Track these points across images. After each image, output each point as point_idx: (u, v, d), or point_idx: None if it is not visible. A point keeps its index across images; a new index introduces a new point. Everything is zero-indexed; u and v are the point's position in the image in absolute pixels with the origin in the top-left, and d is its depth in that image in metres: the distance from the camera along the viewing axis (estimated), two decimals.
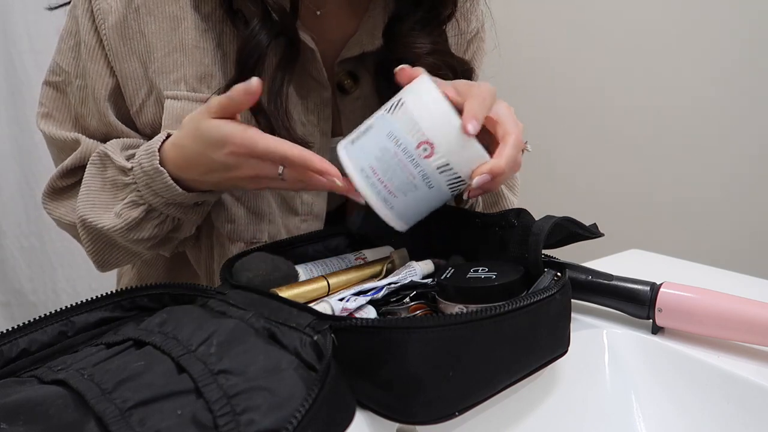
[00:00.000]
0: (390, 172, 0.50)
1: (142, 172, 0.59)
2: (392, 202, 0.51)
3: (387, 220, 0.52)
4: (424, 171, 0.50)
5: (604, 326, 0.56)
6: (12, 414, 0.35)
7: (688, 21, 1.39)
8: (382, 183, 0.51)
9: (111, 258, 0.68)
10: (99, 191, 0.64)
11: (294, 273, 0.56)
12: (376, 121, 0.53)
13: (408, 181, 0.50)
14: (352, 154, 0.52)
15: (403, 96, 0.52)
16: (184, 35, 0.64)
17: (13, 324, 0.44)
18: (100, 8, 0.64)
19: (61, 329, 0.46)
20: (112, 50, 0.65)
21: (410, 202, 0.51)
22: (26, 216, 1.60)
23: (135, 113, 0.67)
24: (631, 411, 0.52)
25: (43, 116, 0.71)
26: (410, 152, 0.50)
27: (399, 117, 0.51)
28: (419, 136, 0.50)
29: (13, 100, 1.56)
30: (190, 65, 0.64)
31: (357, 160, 0.51)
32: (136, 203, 0.61)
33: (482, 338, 0.41)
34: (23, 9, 1.51)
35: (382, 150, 0.50)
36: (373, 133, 0.52)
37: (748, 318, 0.49)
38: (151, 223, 0.63)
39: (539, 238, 0.50)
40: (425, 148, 0.50)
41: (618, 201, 1.53)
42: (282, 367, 0.39)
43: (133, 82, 0.66)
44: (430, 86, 0.51)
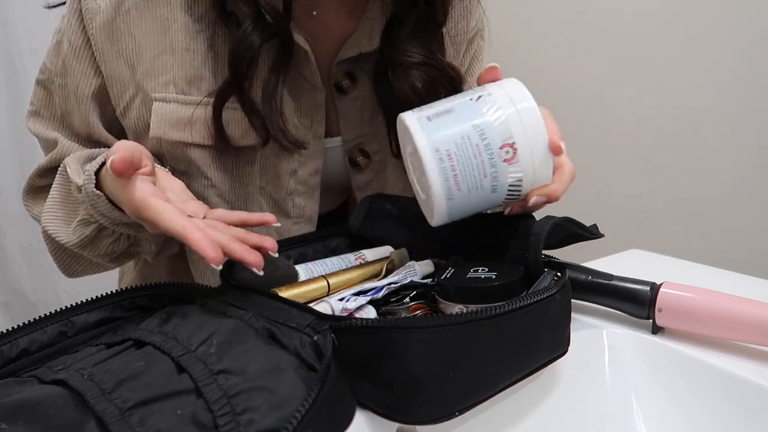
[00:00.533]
0: (464, 164, 0.48)
1: (86, 193, 0.57)
2: (454, 194, 0.49)
3: (437, 211, 0.50)
4: (497, 173, 0.49)
5: (604, 326, 0.56)
6: (12, 414, 0.35)
7: (688, 21, 1.39)
8: (453, 171, 0.48)
9: (77, 268, 0.69)
10: (61, 203, 0.64)
11: (294, 273, 0.56)
12: (458, 106, 0.50)
13: (478, 178, 0.49)
14: (429, 131, 0.49)
15: (495, 91, 0.50)
16: (174, 37, 0.64)
17: (13, 324, 0.44)
18: (88, 8, 0.64)
19: (61, 329, 0.46)
20: (99, 50, 0.65)
21: (468, 201, 0.50)
22: (26, 216, 1.59)
23: (120, 114, 0.67)
24: (631, 411, 0.52)
25: (32, 114, 0.71)
26: (492, 149, 0.48)
27: (489, 111, 0.49)
28: (506, 136, 0.48)
29: (13, 100, 1.56)
30: (180, 68, 0.64)
31: (433, 140, 0.48)
32: (87, 221, 0.60)
33: (482, 338, 0.41)
34: (23, 9, 1.51)
35: (464, 138, 0.48)
36: (455, 118, 0.49)
37: (748, 318, 0.49)
38: (105, 241, 0.62)
39: (539, 238, 0.50)
40: (508, 151, 0.48)
41: (618, 201, 1.53)
42: (282, 367, 0.39)
43: (119, 83, 0.65)
44: (526, 93, 0.50)
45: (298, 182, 0.71)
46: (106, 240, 0.62)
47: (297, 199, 0.71)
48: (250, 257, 0.48)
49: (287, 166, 0.70)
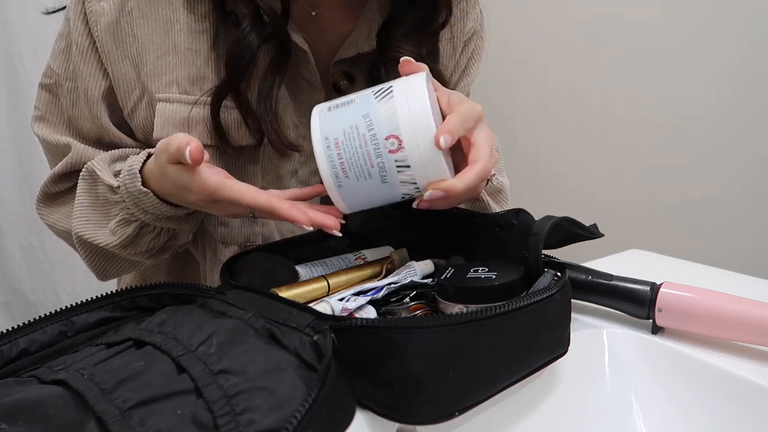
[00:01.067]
0: (351, 152, 0.50)
1: (128, 192, 0.59)
2: (342, 181, 0.51)
3: (332, 197, 0.52)
4: (384, 164, 0.50)
5: (604, 326, 0.56)
6: (12, 414, 0.35)
7: (689, 21, 1.39)
8: (339, 158, 0.50)
9: (111, 269, 0.68)
10: (92, 207, 0.64)
11: (294, 273, 0.56)
12: (359, 98, 0.52)
13: (365, 166, 0.50)
14: (324, 121, 0.52)
15: (395, 85, 0.52)
16: (176, 38, 0.64)
17: (13, 324, 0.44)
18: (92, 10, 0.64)
19: (61, 329, 0.46)
20: (105, 52, 0.65)
21: (359, 189, 0.51)
22: (26, 216, 1.60)
23: (128, 115, 0.67)
24: (631, 411, 0.52)
25: (37, 119, 0.71)
26: (378, 140, 0.49)
27: (382, 102, 0.50)
28: (392, 128, 0.49)
29: (13, 100, 1.56)
30: (183, 67, 0.64)
31: (324, 128, 0.51)
32: (128, 221, 0.61)
33: (482, 338, 0.41)
34: (23, 9, 1.51)
35: (353, 127, 0.50)
36: (351, 108, 0.51)
37: (748, 318, 0.49)
38: (146, 237, 0.63)
39: (539, 237, 0.50)
40: (393, 142, 0.49)
41: (618, 201, 1.53)
42: (282, 367, 0.39)
43: (125, 84, 0.66)
44: (423, 86, 0.51)
45: (298, 182, 0.71)
46: (147, 237, 0.63)
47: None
48: (329, 221, 0.52)
49: (288, 167, 0.70)
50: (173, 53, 0.64)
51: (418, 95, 0.50)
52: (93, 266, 0.68)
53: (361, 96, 0.52)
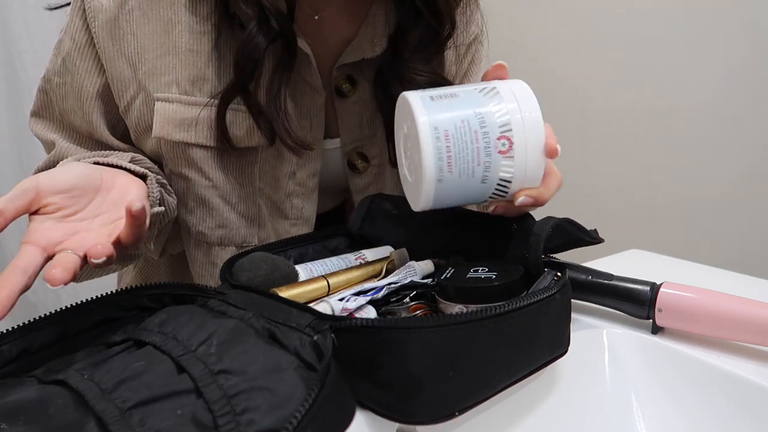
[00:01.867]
0: (460, 147, 0.48)
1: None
2: (445, 176, 0.49)
3: (424, 192, 0.49)
4: (490, 163, 0.49)
5: (604, 326, 0.56)
6: (12, 414, 0.35)
7: (689, 20, 1.39)
8: (448, 152, 0.48)
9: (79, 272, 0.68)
10: None
11: (294, 273, 0.56)
12: (463, 93, 0.51)
13: (471, 164, 0.49)
14: (430, 109, 0.49)
15: (500, 86, 0.51)
16: (177, 38, 0.64)
17: (13, 324, 0.44)
18: (91, 6, 0.64)
19: (61, 329, 0.46)
20: (102, 48, 0.65)
21: (456, 186, 0.50)
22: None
23: (122, 111, 0.67)
24: (631, 411, 0.52)
25: (33, 115, 0.71)
26: (489, 138, 0.48)
27: (493, 102, 0.49)
28: (506, 129, 0.49)
29: (13, 100, 1.56)
30: (183, 68, 0.64)
31: (434, 117, 0.49)
32: None
33: (482, 338, 0.41)
34: (23, 9, 1.51)
35: (465, 122, 0.48)
36: (458, 102, 0.50)
37: (748, 318, 0.49)
38: None
39: (539, 238, 0.50)
40: (504, 143, 0.49)
41: (618, 201, 1.53)
42: (282, 367, 0.39)
43: (120, 82, 0.65)
44: (530, 93, 0.51)
45: (296, 184, 0.71)
46: None
47: (295, 201, 0.72)
48: None
49: (286, 168, 0.70)
50: (173, 53, 0.64)
51: (531, 102, 0.50)
52: None
53: (465, 92, 0.51)
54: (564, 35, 1.57)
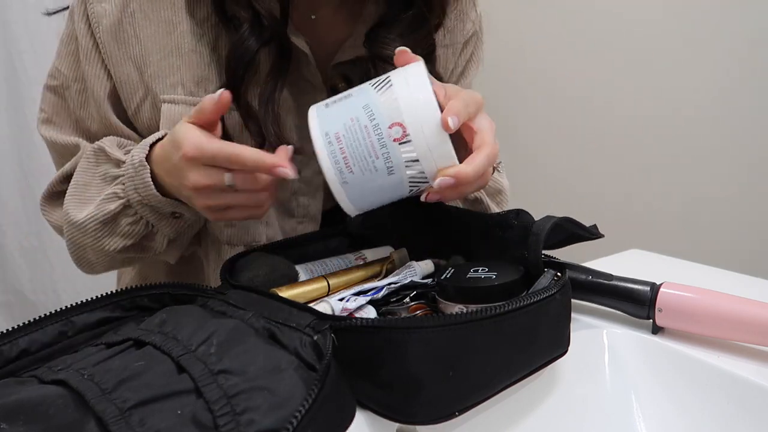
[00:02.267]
0: (354, 145, 0.48)
1: (131, 164, 0.60)
2: (347, 177, 0.49)
3: (338, 198, 0.50)
4: (389, 154, 0.48)
5: (604, 326, 0.56)
6: (12, 414, 0.35)
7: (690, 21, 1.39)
8: (342, 153, 0.48)
9: (86, 256, 0.67)
10: (86, 186, 0.64)
11: (294, 273, 0.56)
12: (356, 91, 0.51)
13: (369, 159, 0.48)
14: (322, 117, 0.50)
15: (392, 75, 0.51)
16: (180, 39, 0.64)
17: (13, 324, 0.44)
18: (94, 11, 0.64)
19: (61, 329, 0.46)
20: (108, 53, 0.65)
21: (366, 184, 0.49)
22: (26, 216, 1.60)
23: (132, 116, 0.67)
24: (631, 411, 0.52)
25: (44, 122, 0.71)
26: (381, 130, 0.48)
27: (381, 93, 0.49)
28: (395, 116, 0.48)
29: (13, 100, 1.56)
30: (187, 69, 0.65)
31: (324, 124, 0.49)
32: (117, 195, 0.61)
33: (482, 338, 0.41)
34: (23, 9, 1.51)
35: (353, 119, 0.48)
36: (349, 102, 0.50)
37: (748, 318, 0.49)
38: (124, 221, 0.62)
39: (539, 238, 0.50)
40: (398, 130, 0.48)
41: (618, 201, 1.53)
42: (282, 367, 0.39)
43: (128, 85, 0.66)
44: (422, 72, 0.50)
45: (302, 182, 0.71)
46: (125, 219, 0.62)
47: (301, 199, 0.72)
48: None
49: None
50: (176, 55, 0.64)
51: (419, 81, 0.49)
52: (71, 251, 0.67)
53: (359, 89, 0.51)
54: (563, 36, 1.57)
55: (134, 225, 0.63)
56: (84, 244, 0.65)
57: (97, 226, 0.62)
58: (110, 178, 0.62)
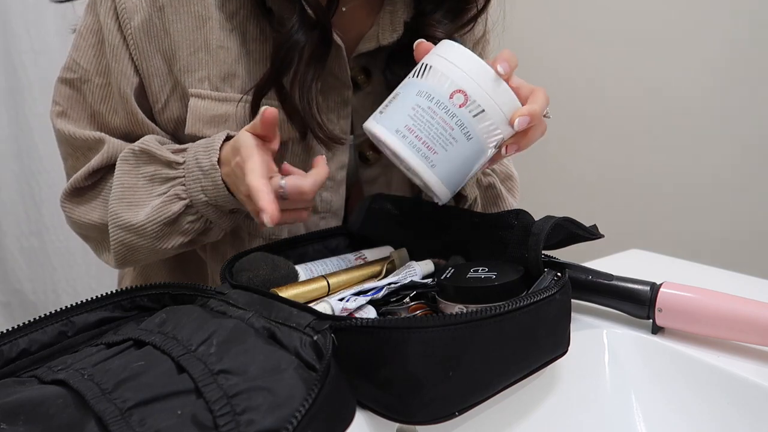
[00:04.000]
0: (427, 127, 0.50)
1: (197, 166, 0.60)
2: (433, 159, 0.51)
3: (430, 184, 0.52)
4: (461, 120, 0.50)
5: (604, 326, 0.56)
6: (12, 414, 0.35)
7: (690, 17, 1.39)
8: (420, 140, 0.50)
9: (134, 256, 0.67)
10: (133, 188, 0.64)
11: (294, 273, 0.56)
12: (401, 88, 0.53)
13: (446, 133, 0.50)
14: (383, 122, 0.52)
15: (427, 59, 0.52)
16: (208, 34, 0.65)
17: (13, 324, 0.44)
18: (125, 7, 0.64)
19: (61, 329, 0.46)
20: (138, 49, 0.65)
21: (452, 159, 0.51)
22: (26, 216, 1.60)
23: (159, 111, 0.68)
24: (631, 411, 0.52)
25: (59, 115, 0.70)
26: (444, 103, 0.50)
27: (425, 77, 0.51)
28: (450, 86, 0.50)
29: (13, 100, 1.56)
30: (215, 64, 0.65)
31: (390, 124, 0.51)
32: (179, 197, 0.61)
33: (482, 338, 0.41)
34: (23, 9, 1.51)
35: (415, 108, 0.51)
36: (401, 98, 0.52)
37: (748, 318, 0.49)
38: (185, 219, 0.62)
39: (539, 238, 0.50)
40: (459, 97, 0.50)
41: (618, 201, 1.53)
42: (282, 367, 0.39)
43: (158, 78, 0.66)
44: (450, 43, 0.52)
45: None
46: (187, 218, 0.63)
47: (324, 194, 0.72)
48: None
49: None
50: (205, 50, 0.65)
51: (454, 49, 0.51)
52: (117, 251, 0.66)
53: (403, 85, 0.53)
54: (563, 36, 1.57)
55: (194, 223, 0.63)
56: (139, 245, 0.64)
57: (158, 228, 0.62)
58: (161, 179, 0.63)
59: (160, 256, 0.68)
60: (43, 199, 1.59)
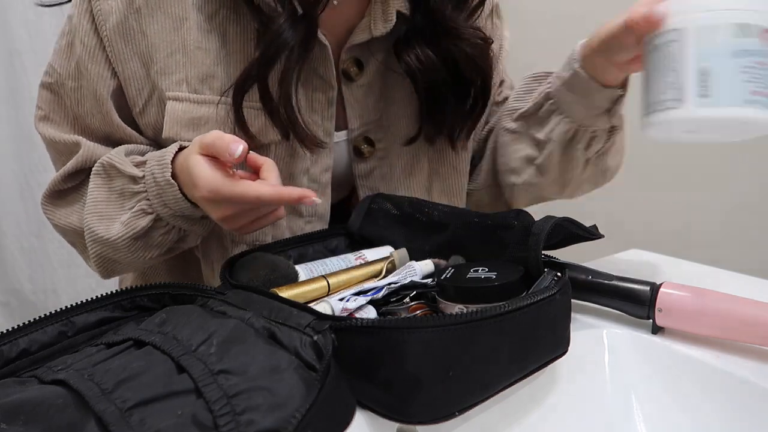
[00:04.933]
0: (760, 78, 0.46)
1: (154, 182, 0.60)
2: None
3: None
4: None
5: (604, 326, 0.56)
6: (12, 414, 0.35)
7: None
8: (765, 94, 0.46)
9: (115, 268, 0.68)
10: (105, 202, 0.64)
11: (294, 273, 0.56)
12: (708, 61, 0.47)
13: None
14: (721, 102, 0.47)
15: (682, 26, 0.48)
16: (186, 36, 0.64)
17: (13, 324, 0.44)
18: (100, 9, 0.63)
19: (61, 329, 0.46)
20: (114, 51, 0.64)
21: None
22: (26, 216, 1.60)
23: (137, 114, 0.67)
24: (631, 411, 0.52)
25: (41, 119, 0.70)
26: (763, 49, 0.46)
27: (712, 37, 0.46)
28: (754, 30, 0.46)
29: (13, 100, 1.56)
30: (192, 66, 0.64)
31: (731, 102, 0.46)
32: (144, 212, 0.61)
33: (482, 338, 0.41)
34: (23, 9, 1.51)
35: (744, 69, 0.46)
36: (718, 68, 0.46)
37: (748, 318, 0.49)
38: (157, 232, 0.63)
39: (539, 238, 0.50)
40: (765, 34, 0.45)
41: (618, 201, 1.53)
42: (282, 367, 0.39)
43: (136, 82, 0.65)
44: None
45: (310, 180, 0.71)
46: (158, 231, 0.62)
47: None
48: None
49: (301, 165, 0.69)
50: (182, 51, 0.64)
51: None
52: (98, 264, 0.67)
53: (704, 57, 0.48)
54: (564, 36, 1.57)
55: (167, 235, 0.63)
56: (117, 258, 0.65)
57: (130, 242, 0.62)
58: (129, 194, 0.62)
59: (142, 265, 0.68)
60: None
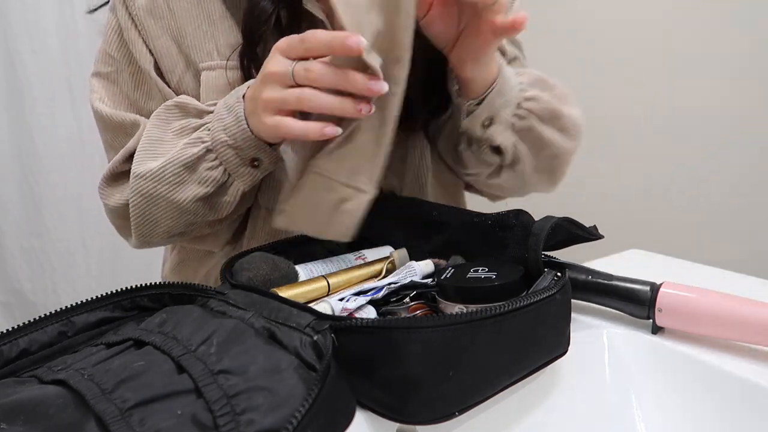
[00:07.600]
0: None
1: (224, 107, 0.60)
2: None
3: None
4: None
5: (604, 326, 0.56)
6: (12, 414, 0.35)
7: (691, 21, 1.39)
8: None
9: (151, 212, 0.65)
10: (159, 141, 0.63)
11: (294, 273, 0.56)
12: None
13: None
14: None
15: None
16: (210, 7, 0.66)
17: (13, 324, 0.44)
18: None
19: (61, 329, 0.46)
20: (146, 30, 0.66)
21: None
22: (26, 216, 1.60)
23: (174, 89, 0.69)
24: (631, 411, 0.52)
25: (98, 100, 0.71)
26: None
27: None
28: None
29: (13, 100, 1.56)
30: (221, 35, 0.66)
31: None
32: (201, 140, 0.61)
33: (482, 338, 0.41)
34: (23, 9, 1.51)
35: None
36: None
37: (748, 318, 0.49)
38: (203, 166, 0.61)
39: (539, 238, 0.50)
40: None
41: (618, 201, 1.53)
42: (282, 367, 0.39)
43: (168, 59, 0.67)
44: None
45: None
46: (205, 164, 0.61)
47: None
48: None
49: None
50: (209, 22, 0.66)
51: None
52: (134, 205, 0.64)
53: None
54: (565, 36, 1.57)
55: (212, 170, 0.62)
56: (157, 194, 0.63)
57: (177, 170, 0.61)
58: (190, 129, 0.62)
59: (177, 215, 0.65)
60: (43, 199, 1.59)
